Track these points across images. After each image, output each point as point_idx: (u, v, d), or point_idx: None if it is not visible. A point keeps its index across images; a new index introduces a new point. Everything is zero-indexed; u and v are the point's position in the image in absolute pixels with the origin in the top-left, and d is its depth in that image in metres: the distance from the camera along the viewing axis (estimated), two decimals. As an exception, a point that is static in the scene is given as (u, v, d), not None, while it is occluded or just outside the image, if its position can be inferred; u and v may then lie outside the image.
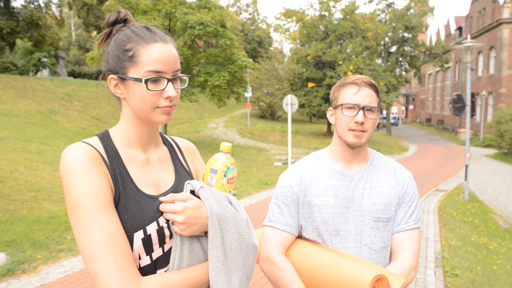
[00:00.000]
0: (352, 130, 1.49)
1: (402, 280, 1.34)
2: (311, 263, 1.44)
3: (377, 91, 1.55)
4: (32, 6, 27.71)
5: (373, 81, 1.54)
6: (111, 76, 1.08)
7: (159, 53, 1.05)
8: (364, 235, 1.50)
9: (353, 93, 1.51)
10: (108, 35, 1.13)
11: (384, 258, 1.53)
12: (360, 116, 1.48)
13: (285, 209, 1.56)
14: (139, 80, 1.03)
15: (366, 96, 1.50)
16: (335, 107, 1.57)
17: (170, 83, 1.06)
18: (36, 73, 28.75)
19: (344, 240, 1.50)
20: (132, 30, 1.08)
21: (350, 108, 1.50)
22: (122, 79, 1.06)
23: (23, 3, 28.35)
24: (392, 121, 49.24)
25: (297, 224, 1.57)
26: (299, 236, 1.60)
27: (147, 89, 1.03)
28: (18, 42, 27.84)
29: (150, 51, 1.04)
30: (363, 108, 1.48)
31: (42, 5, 28.67)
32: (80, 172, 0.98)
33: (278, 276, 1.49)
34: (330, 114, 1.61)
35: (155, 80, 1.04)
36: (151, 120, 1.08)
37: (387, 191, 1.54)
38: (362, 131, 1.49)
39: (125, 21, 1.13)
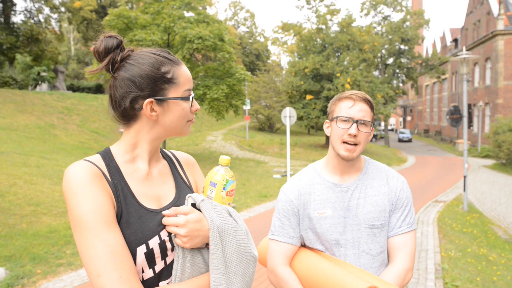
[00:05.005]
0: (345, 142, 1.57)
1: None
2: (313, 273, 1.51)
3: (371, 107, 1.62)
4: (32, 21, 27.98)
5: (369, 97, 1.62)
6: (148, 100, 1.10)
7: (188, 73, 1.18)
8: (361, 242, 1.58)
9: (348, 106, 1.59)
10: (119, 60, 1.12)
11: (382, 262, 1.61)
12: (353, 129, 1.55)
13: (286, 222, 1.64)
14: (186, 98, 1.16)
15: (361, 110, 1.57)
16: (331, 120, 1.65)
17: (193, 99, 1.19)
18: (35, 87, 28.88)
19: (343, 248, 1.58)
20: (156, 54, 1.14)
21: (344, 121, 1.58)
22: (161, 100, 1.11)
23: (23, 19, 28.68)
24: (400, 136, 43.16)
25: (299, 235, 1.65)
26: (304, 245, 1.68)
27: (190, 106, 1.17)
28: (18, 56, 28.03)
29: (184, 72, 1.16)
30: (357, 122, 1.56)
31: (42, 20, 28.97)
32: (83, 190, 1.01)
33: (283, 287, 1.57)
34: (326, 126, 1.69)
35: (189, 97, 1.17)
36: (181, 134, 1.20)
37: (380, 199, 1.61)
38: (355, 144, 1.56)
39: (118, 46, 1.13)
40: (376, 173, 1.67)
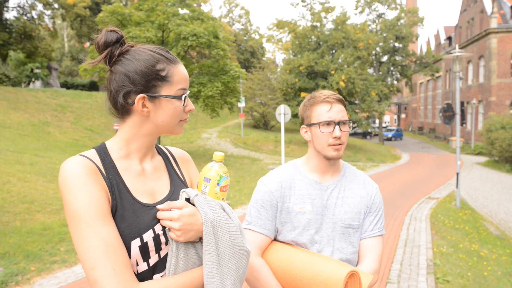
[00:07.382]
0: (332, 145, 1.61)
1: (370, 277, 1.46)
2: (288, 264, 1.52)
3: (345, 105, 1.68)
4: (25, 17, 27.77)
5: (341, 97, 1.67)
6: (140, 95, 1.12)
7: (184, 72, 1.18)
8: (336, 240, 1.61)
9: (327, 110, 1.62)
10: (116, 55, 1.14)
11: (353, 262, 1.65)
12: (337, 131, 1.59)
13: (264, 213, 1.64)
14: (178, 97, 1.15)
15: (339, 112, 1.62)
16: (309, 125, 1.66)
17: (188, 98, 1.18)
18: (28, 84, 28.67)
19: (318, 244, 1.61)
20: (153, 51, 1.15)
21: (327, 125, 1.61)
22: (153, 97, 1.13)
23: (16, 15, 28.39)
24: (386, 133, 41.82)
25: (274, 227, 1.65)
26: (275, 239, 1.69)
27: (183, 105, 1.16)
28: (11, 53, 27.80)
29: (179, 71, 1.16)
30: (338, 123, 1.60)
31: (35, 16, 28.77)
32: (78, 184, 1.02)
33: (255, 277, 1.57)
34: (304, 132, 1.70)
35: (181, 97, 1.16)
36: (172, 132, 1.19)
37: (357, 201, 1.67)
38: (340, 144, 1.62)
39: (118, 41, 1.15)
40: (353, 177, 1.73)
